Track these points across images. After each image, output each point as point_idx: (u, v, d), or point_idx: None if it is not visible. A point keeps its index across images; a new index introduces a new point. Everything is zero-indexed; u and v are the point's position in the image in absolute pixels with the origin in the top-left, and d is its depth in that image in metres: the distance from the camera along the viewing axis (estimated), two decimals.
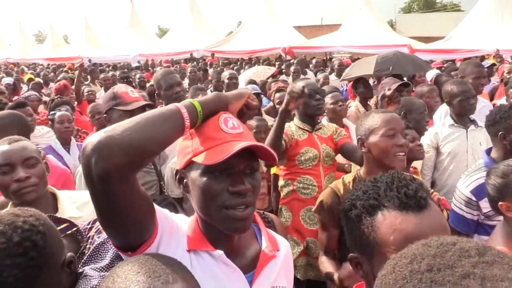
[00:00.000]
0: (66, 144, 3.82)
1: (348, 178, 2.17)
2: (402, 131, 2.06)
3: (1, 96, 5.44)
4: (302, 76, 7.44)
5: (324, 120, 3.71)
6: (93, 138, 0.94)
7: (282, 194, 3.04)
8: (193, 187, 1.12)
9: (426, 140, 3.46)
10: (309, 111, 2.97)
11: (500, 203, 1.96)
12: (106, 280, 0.87)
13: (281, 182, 3.06)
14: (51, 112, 4.26)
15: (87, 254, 1.20)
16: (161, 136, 1.01)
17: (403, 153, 2.01)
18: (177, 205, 2.54)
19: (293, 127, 3.00)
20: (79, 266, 1.19)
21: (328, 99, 3.89)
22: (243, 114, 1.25)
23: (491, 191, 2.02)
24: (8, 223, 1.02)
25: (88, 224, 1.36)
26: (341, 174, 3.54)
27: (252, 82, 6.57)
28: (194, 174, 1.11)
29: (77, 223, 1.37)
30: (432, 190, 2.73)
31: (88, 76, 10.89)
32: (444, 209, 2.67)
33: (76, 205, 1.93)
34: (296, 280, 2.78)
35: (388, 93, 2.97)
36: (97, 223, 1.30)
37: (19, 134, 2.59)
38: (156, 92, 3.13)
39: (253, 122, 3.72)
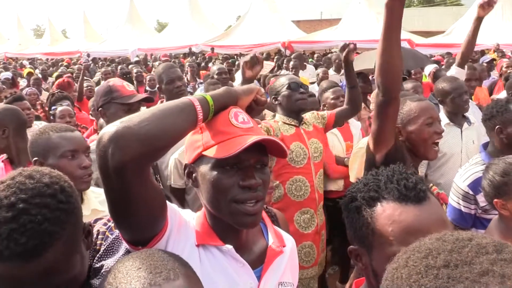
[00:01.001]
0: None
1: None
2: (438, 118, 2.08)
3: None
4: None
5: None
6: (110, 128, 0.93)
7: (272, 199, 2.84)
8: (203, 181, 1.11)
9: None
10: (292, 105, 2.86)
11: (495, 200, 1.97)
12: (108, 275, 0.86)
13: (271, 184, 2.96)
14: (52, 107, 4.25)
15: (103, 249, 1.19)
16: (177, 128, 1.01)
17: (438, 142, 2.04)
18: (172, 197, 2.55)
19: (279, 122, 2.88)
20: (95, 261, 1.19)
21: (329, 94, 3.87)
22: (251, 110, 1.25)
23: (488, 186, 2.03)
24: (35, 170, 1.01)
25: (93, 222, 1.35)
26: (341, 167, 3.55)
27: None
28: (204, 168, 1.11)
29: None
30: (431, 184, 2.73)
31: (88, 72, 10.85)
32: (444, 203, 2.67)
33: (99, 200, 1.96)
34: None
35: None
36: (102, 222, 1.28)
37: (16, 128, 2.60)
38: (158, 86, 3.14)
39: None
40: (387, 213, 0.98)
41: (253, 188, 1.09)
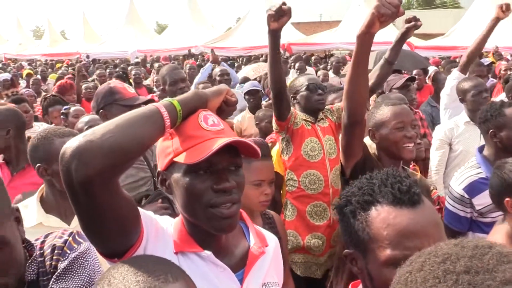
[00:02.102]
0: None
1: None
2: (411, 122, 2.12)
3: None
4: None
5: None
6: (72, 143, 0.90)
7: (287, 188, 2.96)
8: (176, 188, 1.09)
9: (440, 135, 3.45)
10: (310, 106, 2.92)
11: (506, 199, 1.93)
12: (101, 282, 0.84)
13: (286, 176, 2.96)
14: (65, 107, 4.25)
15: (62, 268, 1.14)
16: (142, 137, 0.98)
17: (412, 144, 2.09)
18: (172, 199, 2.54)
19: (301, 115, 2.92)
20: (53, 281, 1.14)
21: (334, 96, 3.88)
22: (222, 111, 1.23)
23: (499, 184, 1.99)
24: None
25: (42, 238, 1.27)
26: None
27: (245, 80, 6.55)
28: (177, 174, 1.09)
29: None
30: (432, 188, 2.72)
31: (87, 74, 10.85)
32: (444, 207, 2.66)
33: None
34: (295, 276, 2.77)
35: None
36: (57, 235, 1.23)
37: (17, 130, 2.60)
38: (161, 87, 3.18)
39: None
40: (381, 217, 0.98)
41: (227, 191, 1.07)
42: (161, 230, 1.12)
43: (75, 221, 1.77)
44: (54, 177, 1.80)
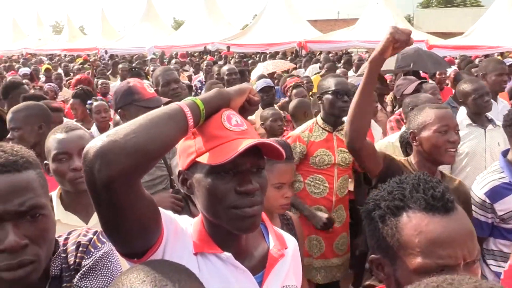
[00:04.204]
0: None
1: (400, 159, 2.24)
2: (455, 127, 2.10)
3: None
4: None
5: None
6: (96, 142, 0.90)
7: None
8: (198, 188, 1.08)
9: None
10: (334, 111, 2.85)
11: None
12: None
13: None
14: (88, 102, 4.36)
15: (87, 268, 1.14)
16: (166, 137, 0.97)
17: (454, 149, 2.07)
18: (188, 199, 2.54)
19: (315, 125, 2.89)
20: (77, 279, 1.14)
21: None
22: (245, 110, 1.21)
23: None
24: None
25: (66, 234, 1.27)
26: None
27: (262, 76, 6.53)
28: (199, 174, 1.07)
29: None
30: None
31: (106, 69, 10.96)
32: None
33: None
34: None
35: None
36: (80, 233, 1.23)
37: (47, 125, 2.64)
38: (154, 88, 3.13)
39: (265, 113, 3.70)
40: (413, 223, 0.95)
41: (250, 193, 1.05)
42: (180, 231, 1.11)
43: (93, 220, 1.78)
44: (54, 174, 1.82)
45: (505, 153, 2.49)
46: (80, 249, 1.17)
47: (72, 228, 1.34)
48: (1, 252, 0.97)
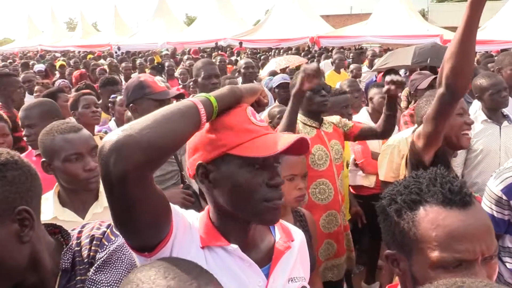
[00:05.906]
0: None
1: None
2: (468, 111, 2.16)
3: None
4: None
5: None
6: (111, 137, 0.91)
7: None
8: (225, 181, 1.08)
9: None
10: (313, 107, 2.82)
11: None
12: (126, 286, 0.82)
13: None
14: (112, 96, 4.37)
15: (101, 261, 1.15)
16: (180, 132, 0.99)
17: (469, 132, 2.13)
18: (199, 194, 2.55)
19: (300, 124, 2.80)
20: (92, 272, 1.15)
21: (377, 91, 3.81)
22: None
23: None
24: None
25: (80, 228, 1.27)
26: (376, 162, 3.46)
27: (273, 73, 6.52)
28: (229, 167, 1.07)
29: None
30: None
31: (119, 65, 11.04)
32: None
33: None
34: None
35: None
36: (94, 226, 1.24)
37: (58, 119, 2.68)
38: (194, 79, 3.22)
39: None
40: (430, 217, 0.94)
41: (279, 187, 1.09)
42: (188, 225, 1.12)
43: (89, 215, 1.80)
44: (56, 172, 1.81)
45: None
46: (94, 242, 1.18)
47: (69, 224, 1.34)
48: None
